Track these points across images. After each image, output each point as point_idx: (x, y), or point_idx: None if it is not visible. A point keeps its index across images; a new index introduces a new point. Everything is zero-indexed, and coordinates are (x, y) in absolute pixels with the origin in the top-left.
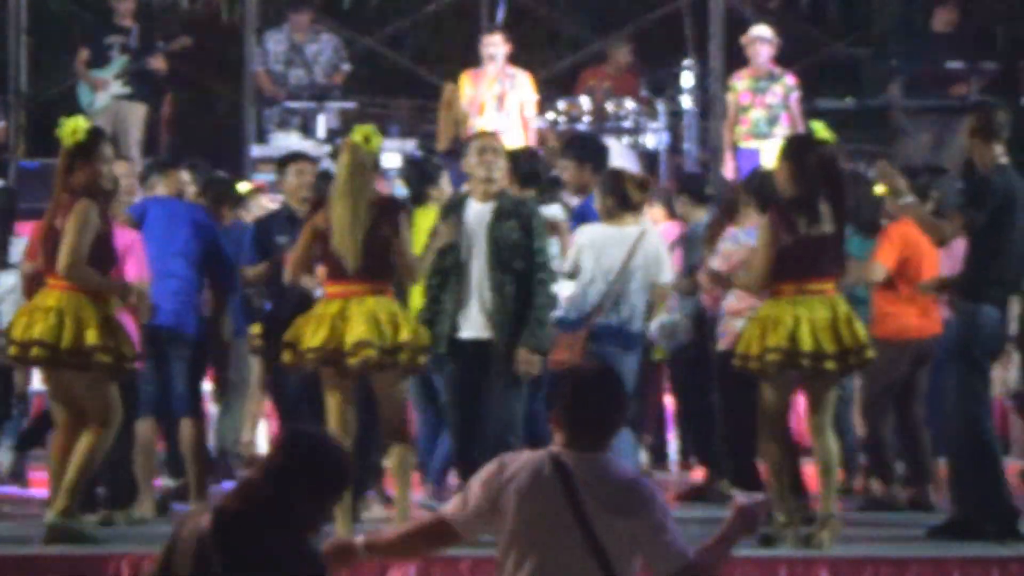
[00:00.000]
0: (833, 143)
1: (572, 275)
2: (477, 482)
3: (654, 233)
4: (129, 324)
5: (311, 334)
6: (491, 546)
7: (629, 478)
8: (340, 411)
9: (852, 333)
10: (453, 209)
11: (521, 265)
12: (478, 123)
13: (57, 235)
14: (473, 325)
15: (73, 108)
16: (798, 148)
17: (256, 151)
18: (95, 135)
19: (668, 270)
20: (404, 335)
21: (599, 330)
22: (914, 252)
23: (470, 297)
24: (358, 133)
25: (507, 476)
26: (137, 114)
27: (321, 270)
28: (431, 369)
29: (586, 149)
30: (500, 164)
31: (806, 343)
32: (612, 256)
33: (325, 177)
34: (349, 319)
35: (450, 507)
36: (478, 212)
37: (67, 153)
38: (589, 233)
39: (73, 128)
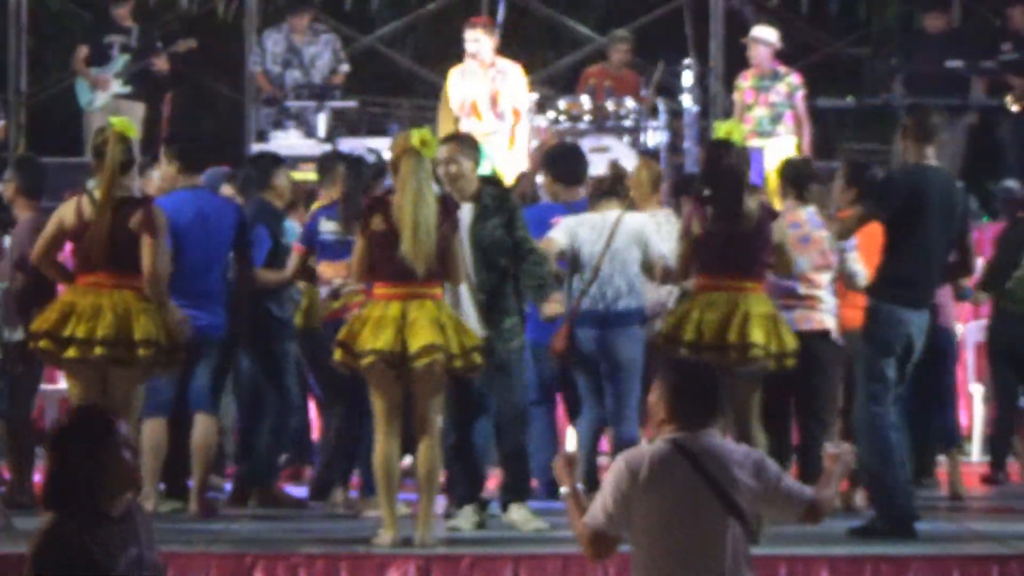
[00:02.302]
0: (724, 139)
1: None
2: (609, 488)
3: (636, 216)
4: None
5: (370, 336)
6: (488, 545)
7: (739, 447)
8: (388, 413)
9: (741, 332)
10: None
11: (506, 261)
12: (473, 126)
13: (126, 234)
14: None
15: (73, 107)
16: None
17: (256, 151)
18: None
19: (655, 244)
20: (469, 339)
21: (584, 315)
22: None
23: (463, 298)
24: (416, 138)
25: (634, 473)
26: (136, 113)
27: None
28: None
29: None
30: (452, 170)
31: (689, 334)
32: (592, 241)
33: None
34: (413, 323)
35: (593, 519)
36: (462, 213)
37: (132, 154)
38: (570, 219)
39: (133, 128)
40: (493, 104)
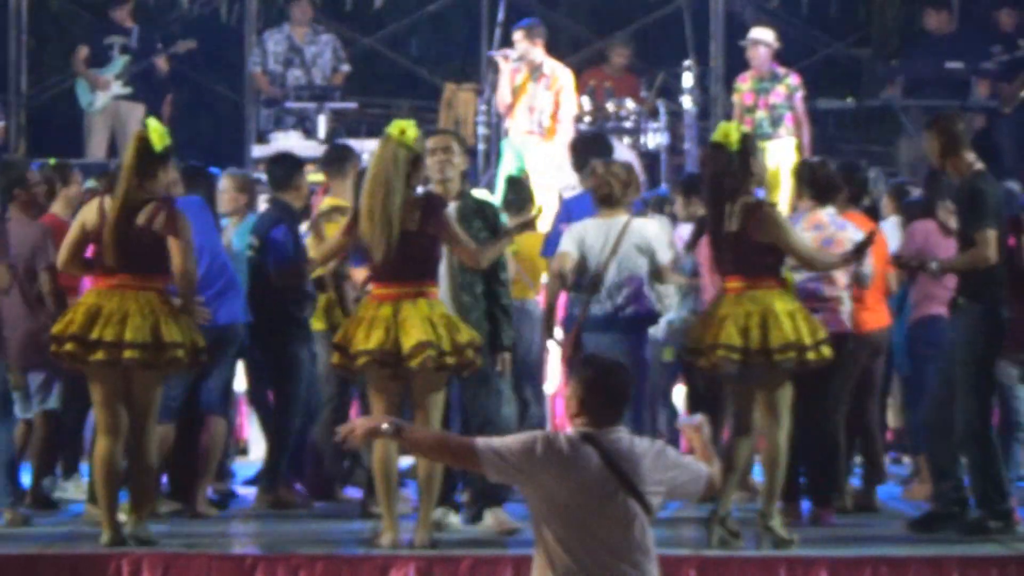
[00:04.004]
0: (716, 143)
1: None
2: (518, 444)
3: (643, 222)
4: None
5: (363, 337)
6: (490, 546)
7: (643, 442)
8: (386, 413)
9: (714, 336)
10: None
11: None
12: (511, 125)
13: (147, 236)
14: None
15: (73, 108)
16: None
17: (256, 151)
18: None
19: (664, 250)
20: (461, 336)
21: (591, 320)
22: None
23: (444, 298)
24: (395, 127)
25: (546, 454)
26: (136, 114)
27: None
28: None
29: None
30: (454, 163)
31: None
32: (598, 248)
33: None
34: (404, 322)
35: (486, 445)
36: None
37: (157, 157)
38: (572, 233)
39: (162, 132)
40: (531, 105)
